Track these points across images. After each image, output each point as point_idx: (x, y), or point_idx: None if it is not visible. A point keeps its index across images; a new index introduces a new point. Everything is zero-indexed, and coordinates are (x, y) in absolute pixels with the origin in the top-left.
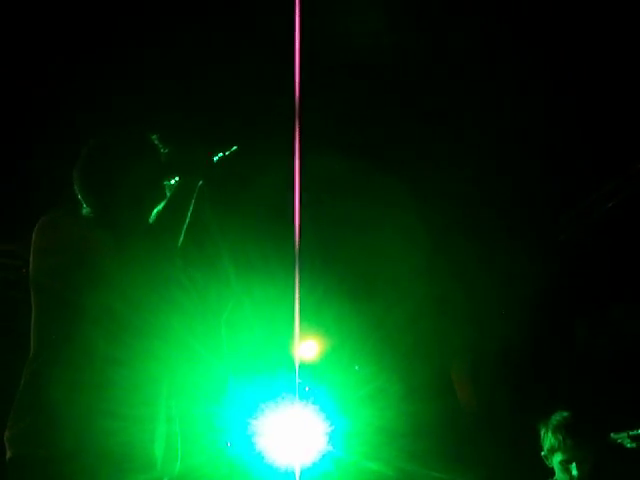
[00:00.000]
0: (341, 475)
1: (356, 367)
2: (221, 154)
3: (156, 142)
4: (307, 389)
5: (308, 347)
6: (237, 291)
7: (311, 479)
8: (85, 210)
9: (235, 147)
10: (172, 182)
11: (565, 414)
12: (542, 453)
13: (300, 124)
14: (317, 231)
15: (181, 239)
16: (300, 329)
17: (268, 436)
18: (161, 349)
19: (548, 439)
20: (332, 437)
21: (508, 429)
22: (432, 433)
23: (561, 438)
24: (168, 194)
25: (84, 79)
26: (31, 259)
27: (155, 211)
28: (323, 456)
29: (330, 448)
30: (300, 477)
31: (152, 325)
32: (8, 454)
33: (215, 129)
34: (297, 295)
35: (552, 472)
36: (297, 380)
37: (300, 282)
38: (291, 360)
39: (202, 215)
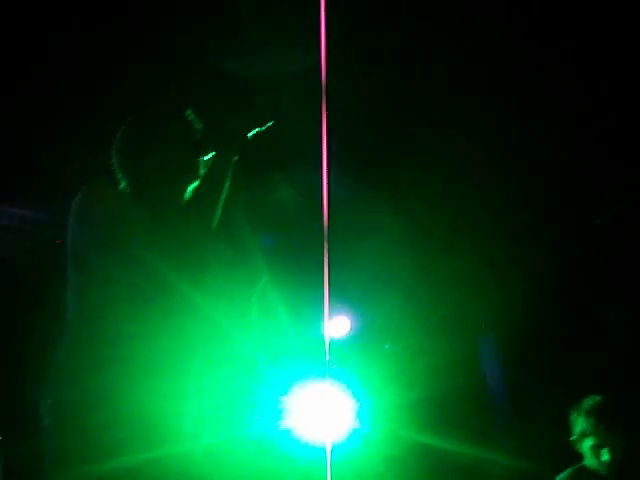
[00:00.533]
0: (370, 451)
1: (385, 345)
2: (256, 130)
3: (191, 118)
4: (335, 366)
5: (337, 324)
6: (268, 269)
7: (341, 456)
8: (122, 185)
9: (270, 123)
10: (206, 158)
11: (598, 398)
12: (571, 438)
13: (327, 98)
14: (347, 208)
15: (217, 217)
16: (329, 306)
17: (298, 413)
18: (191, 327)
19: (579, 423)
20: (361, 414)
21: (536, 412)
22: (458, 409)
23: (593, 422)
24: (202, 170)
25: (123, 53)
26: (69, 230)
27: (190, 188)
28: (352, 433)
29: (359, 425)
30: (330, 454)
31: (182, 303)
32: (46, 422)
33: (250, 104)
34: (326, 272)
35: (580, 457)
36: (326, 358)
37: (329, 259)
38: (320, 338)
39: (235, 192)
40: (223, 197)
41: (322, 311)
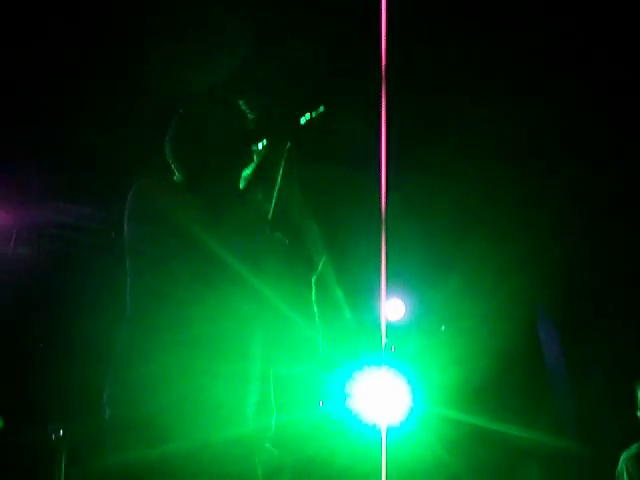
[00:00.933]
0: (426, 432)
1: (442, 327)
2: (308, 116)
3: (243, 107)
4: (392, 349)
5: (394, 308)
6: (324, 254)
7: (397, 437)
8: (177, 177)
9: (322, 108)
10: (260, 146)
11: None
12: (638, 412)
13: (386, 81)
14: (404, 191)
15: (273, 204)
16: (387, 289)
17: (357, 395)
18: (251, 311)
19: None
20: (418, 396)
21: (598, 386)
22: (517, 392)
23: None
24: (256, 159)
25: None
26: (125, 225)
27: (244, 176)
28: (409, 414)
29: (416, 407)
30: (387, 434)
31: (243, 288)
32: (107, 413)
33: (301, 90)
34: (384, 256)
35: None
36: (383, 341)
37: (387, 242)
38: (378, 321)
39: (290, 178)
40: (278, 184)
41: (379, 294)
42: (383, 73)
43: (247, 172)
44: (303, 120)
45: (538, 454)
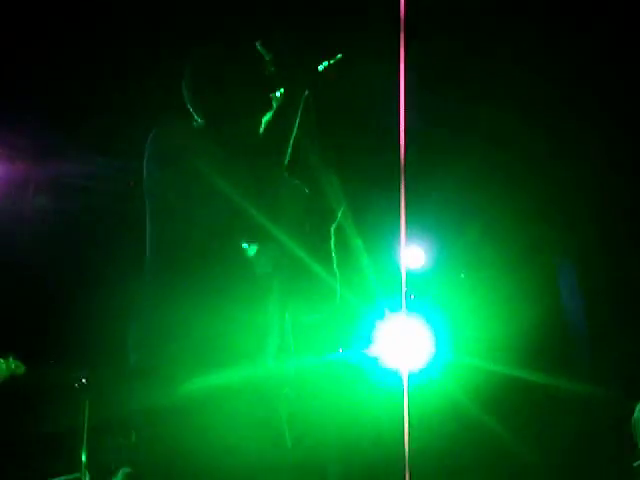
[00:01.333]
0: (447, 380)
1: (462, 275)
2: (326, 62)
3: (261, 50)
4: (412, 297)
5: (414, 255)
6: (343, 202)
7: (418, 383)
8: (196, 121)
9: (340, 55)
10: (277, 93)
11: None
12: None
13: (405, 27)
14: (424, 137)
15: (289, 150)
16: (406, 236)
17: (377, 342)
18: (270, 257)
19: None
20: (438, 344)
21: (616, 340)
22: (537, 339)
23: None
24: (274, 104)
25: None
26: (145, 169)
27: (263, 122)
28: (429, 361)
29: (436, 353)
30: (408, 381)
31: (261, 234)
32: (131, 358)
33: (319, 36)
34: (403, 203)
35: None
36: (404, 288)
37: (406, 189)
38: (398, 268)
39: (308, 126)
40: (295, 131)
41: (399, 242)
42: (402, 17)
43: (266, 118)
44: (321, 67)
45: (560, 400)
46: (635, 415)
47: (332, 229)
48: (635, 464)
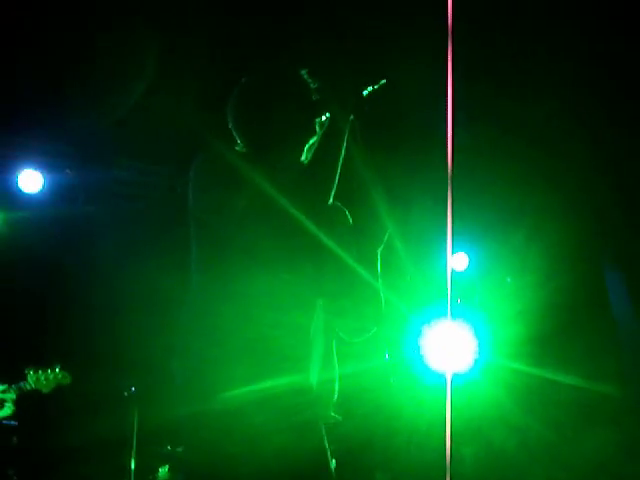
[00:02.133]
0: (492, 382)
1: (508, 279)
2: (370, 88)
3: (306, 78)
4: (459, 301)
5: (460, 260)
6: (390, 224)
7: (463, 387)
8: (239, 147)
9: (384, 80)
10: (323, 119)
11: None
12: None
13: (453, 53)
14: (471, 142)
15: (337, 176)
16: (453, 242)
17: (424, 347)
18: (314, 273)
19: None
20: (483, 347)
21: None
22: (583, 344)
23: None
24: (319, 131)
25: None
26: (190, 195)
27: (307, 148)
28: (474, 364)
29: (481, 357)
30: (452, 384)
31: (306, 256)
32: (176, 364)
33: (364, 63)
34: (450, 208)
35: None
36: (449, 292)
37: (453, 194)
38: (444, 273)
39: (354, 151)
40: (342, 156)
41: (445, 246)
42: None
43: (310, 144)
44: (365, 92)
45: (604, 408)
46: None
47: (379, 252)
48: None
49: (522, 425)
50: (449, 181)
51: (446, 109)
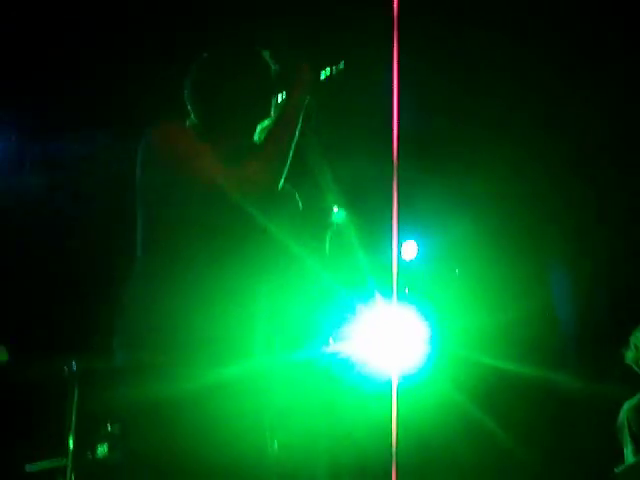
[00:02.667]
0: (438, 373)
1: (456, 270)
2: (328, 70)
3: (267, 58)
4: (406, 291)
5: (408, 249)
6: (340, 207)
7: (408, 380)
8: (191, 120)
9: (342, 63)
10: (279, 99)
11: None
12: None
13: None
14: (418, 132)
15: (290, 156)
16: (400, 231)
17: (366, 337)
18: (259, 252)
19: None
20: (430, 338)
21: (606, 337)
22: (527, 334)
23: None
24: (275, 110)
25: None
26: (138, 169)
27: (261, 128)
28: (421, 357)
29: (428, 349)
30: (397, 376)
31: (254, 231)
32: (119, 353)
33: (322, 45)
34: (395, 198)
35: None
36: (395, 282)
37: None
38: (390, 262)
39: (308, 132)
40: (296, 137)
41: (392, 236)
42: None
43: (264, 124)
44: (323, 75)
45: (551, 394)
46: (620, 418)
47: (328, 235)
48: (617, 469)
49: (470, 416)
50: (394, 169)
51: (392, 97)
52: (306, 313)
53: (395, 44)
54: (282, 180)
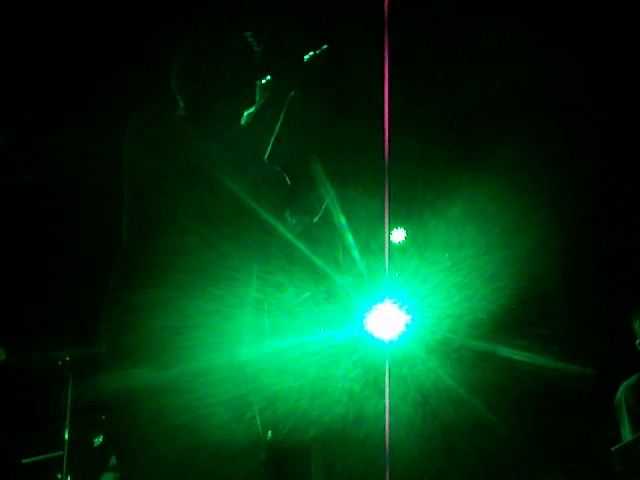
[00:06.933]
0: (428, 355)
1: (446, 254)
2: (312, 53)
3: (250, 40)
4: (397, 275)
5: (398, 234)
6: (327, 192)
7: (399, 358)
8: (180, 109)
9: (325, 46)
10: (264, 82)
11: None
12: (637, 341)
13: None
14: (408, 132)
15: (272, 139)
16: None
17: (359, 320)
18: (249, 239)
19: None
20: (418, 320)
21: (599, 318)
22: (515, 318)
23: None
24: (259, 96)
25: None
26: (125, 153)
27: (247, 112)
28: (409, 337)
29: (416, 329)
30: (388, 358)
31: (242, 215)
32: (105, 340)
33: (306, 29)
34: (387, 186)
35: None
36: (387, 265)
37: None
38: (381, 248)
39: (293, 116)
40: (280, 120)
41: (383, 222)
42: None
43: (250, 109)
44: (307, 57)
45: (543, 378)
46: (617, 397)
47: (314, 220)
48: (613, 449)
49: (458, 399)
50: (385, 157)
51: (383, 86)
52: (297, 297)
53: (385, 31)
54: (263, 158)
